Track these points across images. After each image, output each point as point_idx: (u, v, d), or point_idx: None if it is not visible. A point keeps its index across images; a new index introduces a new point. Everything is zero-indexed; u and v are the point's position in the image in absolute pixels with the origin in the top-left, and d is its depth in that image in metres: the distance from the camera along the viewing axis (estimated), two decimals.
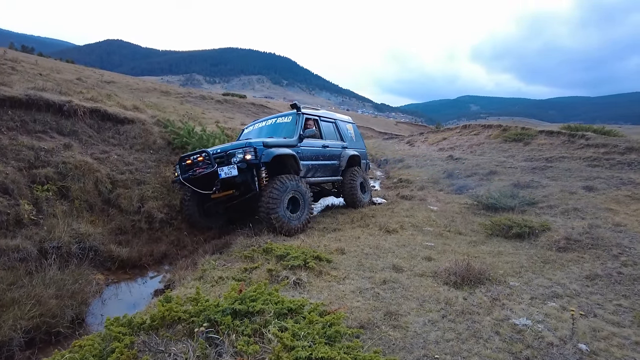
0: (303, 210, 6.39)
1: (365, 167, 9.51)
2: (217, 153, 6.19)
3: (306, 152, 7.09)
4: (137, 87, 27.27)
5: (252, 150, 5.88)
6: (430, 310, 3.44)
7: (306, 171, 7.02)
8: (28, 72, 13.68)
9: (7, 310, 3.62)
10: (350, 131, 9.16)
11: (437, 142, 19.39)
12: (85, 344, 2.57)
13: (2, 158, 5.81)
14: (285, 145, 6.64)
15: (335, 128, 8.56)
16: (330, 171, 7.95)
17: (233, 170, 5.84)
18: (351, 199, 8.29)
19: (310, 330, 2.58)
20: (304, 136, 7.04)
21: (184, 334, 2.72)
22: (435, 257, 5.00)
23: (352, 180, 8.24)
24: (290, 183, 6.11)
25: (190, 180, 6.29)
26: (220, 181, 6.07)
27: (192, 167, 6.32)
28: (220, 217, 7.32)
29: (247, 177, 6.09)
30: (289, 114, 7.56)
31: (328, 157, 7.82)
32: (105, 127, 8.16)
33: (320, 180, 7.68)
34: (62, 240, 5.10)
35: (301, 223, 6.28)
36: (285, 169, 6.59)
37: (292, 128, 7.14)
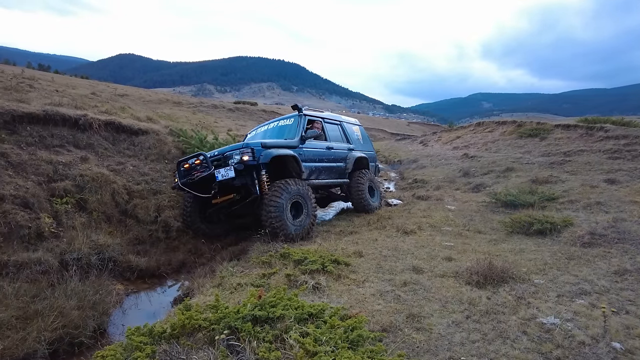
0: (307, 215, 6.21)
1: (374, 170, 9.28)
2: (215, 156, 6.07)
3: (309, 153, 6.89)
4: (150, 99, 27.66)
5: (249, 151, 5.71)
6: (454, 311, 3.36)
7: (309, 173, 6.82)
8: (45, 89, 14.02)
9: (31, 323, 3.66)
10: (357, 133, 8.97)
11: (451, 141, 19.17)
12: (107, 354, 2.56)
13: (22, 173, 5.92)
14: (286, 146, 6.46)
15: (341, 130, 8.39)
16: (336, 174, 7.75)
17: (230, 172, 5.66)
18: (359, 203, 8.04)
19: (332, 335, 2.53)
20: (306, 137, 6.85)
21: (204, 342, 2.70)
22: (456, 257, 4.90)
23: (359, 183, 8.00)
24: (292, 187, 5.94)
25: (189, 184, 6.11)
26: (217, 184, 5.87)
27: (191, 172, 6.17)
28: (223, 224, 7.14)
29: (247, 180, 5.95)
30: (291, 116, 7.41)
31: (333, 159, 7.63)
32: (120, 138, 8.26)
33: (325, 183, 7.49)
34: (82, 251, 5.15)
35: (305, 229, 6.10)
36: (286, 172, 6.44)
37: (294, 130, 6.97)
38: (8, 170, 5.81)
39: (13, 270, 4.53)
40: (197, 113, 24.08)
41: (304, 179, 6.57)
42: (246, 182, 5.98)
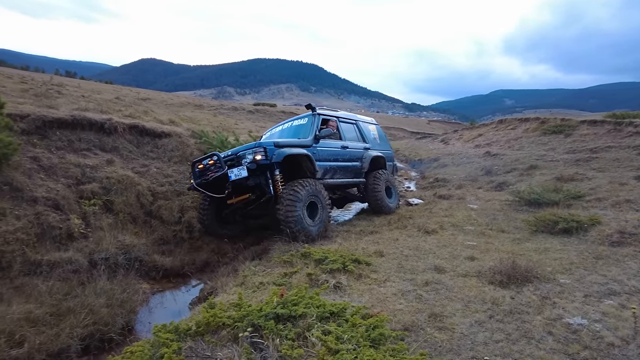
0: (322, 215, 6.17)
1: (392, 169, 9.14)
2: (228, 156, 6.08)
3: (323, 152, 6.83)
4: (172, 102, 28.23)
5: (262, 150, 5.69)
6: (477, 311, 3.33)
7: (324, 173, 6.76)
8: (72, 95, 14.46)
9: (64, 319, 3.81)
10: (373, 132, 8.87)
11: (473, 139, 18.89)
12: (136, 350, 2.65)
13: (53, 176, 6.15)
14: (299, 145, 6.42)
15: (357, 129, 8.30)
16: (352, 173, 7.65)
17: (243, 171, 5.66)
18: (375, 203, 7.91)
19: (354, 333, 2.55)
20: (320, 136, 6.79)
21: (228, 339, 2.75)
22: (478, 256, 4.85)
23: (375, 183, 7.87)
24: (308, 188, 5.89)
25: (203, 185, 6.13)
26: (231, 184, 5.88)
27: (205, 172, 6.19)
28: (238, 225, 7.13)
29: (261, 180, 5.96)
30: (305, 116, 7.38)
31: (348, 159, 7.54)
32: (143, 141, 8.48)
33: (340, 183, 7.41)
34: (109, 251, 5.33)
35: (320, 229, 6.06)
36: (301, 171, 6.41)
37: (308, 129, 6.93)
38: (40, 173, 6.04)
39: (46, 269, 4.72)
40: (218, 115, 24.41)
41: (318, 179, 6.52)
42: (260, 182, 6.00)
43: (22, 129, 6.57)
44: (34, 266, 4.75)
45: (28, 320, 3.72)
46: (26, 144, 6.39)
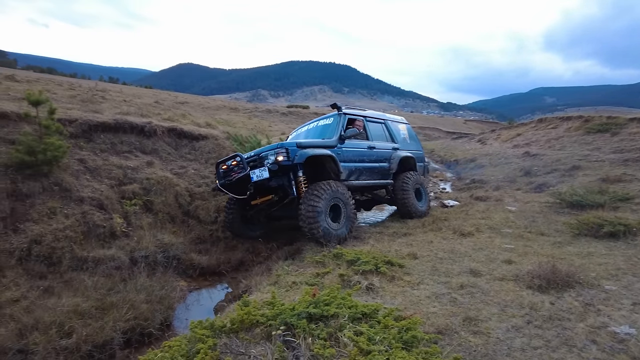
0: (345, 218, 6.00)
1: (423, 171, 8.80)
2: (251, 157, 6.04)
3: (348, 153, 6.64)
4: (208, 105, 29.02)
5: (284, 151, 5.58)
6: (514, 316, 3.22)
7: (348, 174, 6.57)
8: (115, 100, 15.17)
9: (108, 313, 4.01)
10: (403, 132, 8.56)
11: (511, 139, 18.28)
12: (174, 344, 2.75)
13: (97, 177, 6.49)
14: (323, 146, 6.25)
15: (385, 129, 8.02)
16: (379, 174, 7.38)
17: (264, 172, 5.60)
18: (403, 206, 7.57)
19: (386, 335, 2.53)
20: (346, 137, 6.61)
21: (262, 337, 2.81)
22: (516, 260, 4.68)
23: (404, 184, 7.53)
24: (331, 189, 5.74)
25: (227, 186, 6.13)
26: (253, 185, 5.82)
27: (229, 173, 6.19)
28: (261, 226, 7.08)
29: (284, 181, 5.89)
30: (330, 116, 7.21)
31: (375, 160, 7.29)
32: (181, 144, 8.78)
33: (366, 184, 7.15)
34: (149, 249, 5.57)
35: (344, 232, 5.90)
36: (324, 172, 6.28)
37: (334, 129, 6.76)
38: (86, 174, 6.38)
39: (92, 265, 4.99)
40: (253, 118, 24.89)
41: (343, 180, 6.36)
42: (283, 183, 5.93)
43: (70, 133, 6.95)
44: (80, 262, 5.03)
45: (76, 313, 3.94)
46: (74, 147, 6.77)
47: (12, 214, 5.11)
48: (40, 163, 5.58)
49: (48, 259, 4.88)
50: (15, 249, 4.74)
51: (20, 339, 3.55)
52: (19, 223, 5.07)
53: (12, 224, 5.00)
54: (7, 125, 6.41)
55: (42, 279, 4.63)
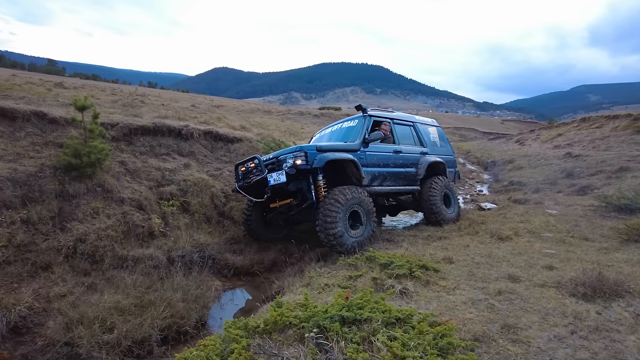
0: (365, 226, 5.77)
1: (454, 176, 8.43)
2: (270, 159, 5.92)
3: (372, 157, 6.38)
4: (243, 108, 29.58)
5: (302, 155, 5.43)
6: (556, 325, 3.06)
7: (371, 179, 6.30)
8: (153, 104, 15.73)
9: (146, 310, 4.13)
10: (433, 135, 8.22)
11: (552, 139, 17.54)
12: (209, 343, 2.80)
13: (137, 178, 6.74)
14: (345, 149, 6.03)
15: (414, 131, 7.74)
16: (405, 180, 7.03)
17: (281, 176, 5.49)
18: (430, 213, 7.21)
19: (421, 341, 2.47)
20: (370, 140, 6.38)
21: (294, 339, 2.81)
22: (558, 265, 4.47)
23: (431, 190, 7.17)
24: (351, 195, 5.53)
25: (245, 188, 6.06)
26: (270, 188, 5.71)
27: (248, 175, 6.11)
28: (281, 229, 6.98)
29: (303, 185, 5.74)
30: (355, 117, 6.99)
31: (401, 164, 6.96)
32: (217, 146, 8.98)
33: (390, 190, 6.81)
34: (185, 249, 5.72)
35: (364, 240, 5.68)
36: (346, 177, 6.08)
37: (358, 132, 6.54)
38: (126, 176, 6.64)
39: (131, 264, 5.18)
40: (285, 120, 25.14)
41: (365, 185, 6.12)
42: (302, 187, 5.78)
43: (112, 136, 7.27)
44: (121, 260, 5.22)
45: (117, 309, 4.09)
46: (115, 149, 7.06)
47: (60, 213, 5.38)
48: (85, 165, 5.85)
49: (91, 256, 5.11)
50: (63, 247, 4.99)
51: (67, 332, 3.73)
52: (66, 222, 5.33)
53: (59, 223, 5.27)
54: (56, 129, 6.78)
55: (86, 276, 4.85)
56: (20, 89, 11.06)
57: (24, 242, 4.81)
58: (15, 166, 5.55)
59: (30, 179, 5.49)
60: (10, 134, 6.23)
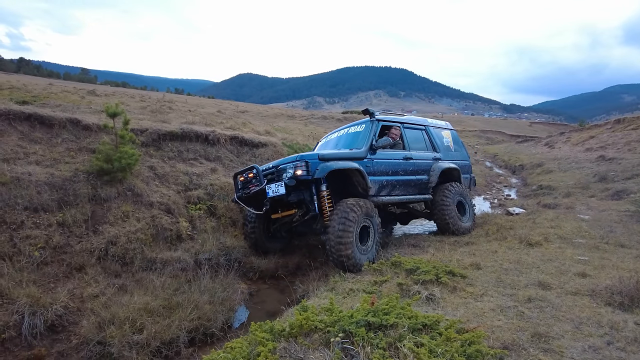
0: (373, 240, 5.44)
1: (469, 182, 7.98)
2: (269, 169, 5.64)
3: (379, 165, 6.02)
4: (267, 113, 29.93)
5: (303, 164, 5.07)
6: (590, 335, 2.95)
7: (379, 188, 5.93)
8: (180, 110, 16.11)
9: (174, 312, 4.22)
10: (447, 139, 7.78)
11: (583, 142, 16.98)
12: (235, 345, 2.83)
13: (165, 183, 6.91)
14: (349, 157, 5.66)
15: (426, 135, 7.32)
16: (416, 188, 6.64)
17: (280, 188, 5.17)
18: (443, 223, 6.77)
19: (448, 348, 2.43)
20: (377, 147, 6.03)
21: (320, 343, 2.81)
22: (592, 273, 4.31)
23: (444, 199, 6.74)
24: (362, 210, 5.20)
25: (244, 199, 5.81)
26: (269, 200, 5.44)
27: (247, 185, 5.86)
28: (283, 239, 6.73)
29: (305, 195, 5.43)
30: (362, 122, 6.60)
31: (411, 172, 6.56)
32: (243, 151, 9.12)
33: (399, 200, 6.41)
34: (212, 252, 5.83)
35: (373, 255, 5.39)
36: (351, 186, 5.73)
37: (364, 138, 6.15)
38: (155, 180, 6.82)
39: (160, 266, 5.30)
40: (309, 125, 25.28)
41: (372, 196, 5.78)
42: (304, 198, 5.48)
43: (141, 142, 7.48)
44: (150, 263, 5.36)
45: (146, 311, 4.20)
46: (144, 155, 7.28)
47: (93, 216, 5.57)
48: (116, 170, 6.05)
49: (122, 259, 5.26)
50: (95, 249, 5.16)
51: (100, 332, 3.86)
52: (98, 225, 5.52)
53: (92, 226, 5.46)
54: (89, 135, 7.04)
55: (117, 277, 5.00)
56: (57, 97, 11.54)
57: (59, 244, 5.00)
58: (52, 171, 5.79)
59: (66, 183, 5.72)
60: (48, 140, 6.52)
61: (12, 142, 6.05)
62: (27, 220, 5.00)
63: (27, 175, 5.45)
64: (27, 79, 26.83)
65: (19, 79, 22.61)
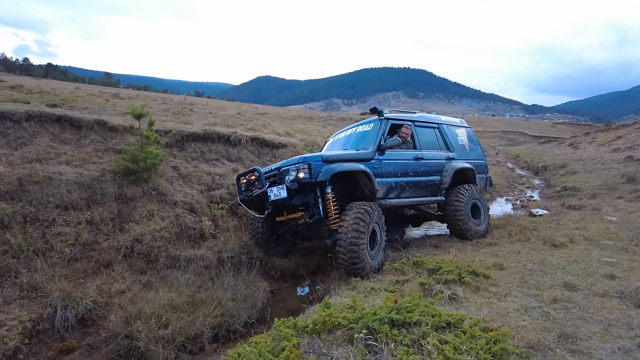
0: (380, 244, 5.31)
1: (485, 184, 7.65)
2: (271, 171, 5.53)
3: (388, 166, 5.80)
4: (285, 115, 30.15)
5: (305, 167, 4.92)
6: (620, 337, 2.89)
7: (387, 190, 5.72)
8: (201, 112, 16.41)
9: (198, 308, 4.32)
10: (461, 137, 7.44)
11: (609, 142, 16.51)
12: (260, 340, 2.89)
13: (189, 183, 7.06)
14: (355, 159, 5.47)
15: (439, 134, 7.03)
16: (427, 190, 6.41)
17: (282, 191, 5.06)
18: (456, 226, 6.50)
19: (473, 345, 2.42)
20: (386, 147, 5.83)
21: (343, 340, 2.83)
22: (620, 275, 4.20)
23: (457, 202, 6.46)
24: (372, 215, 5.08)
25: (248, 201, 5.72)
26: (271, 203, 5.35)
27: (250, 187, 5.76)
28: (289, 242, 6.60)
29: (309, 198, 5.32)
30: (370, 121, 6.38)
31: (423, 172, 6.31)
32: (263, 152, 9.24)
33: (409, 203, 6.19)
34: (234, 251, 5.93)
35: (380, 258, 5.26)
36: (358, 188, 5.57)
37: (372, 138, 5.95)
38: (179, 180, 6.97)
39: (184, 264, 5.42)
40: (327, 126, 25.32)
41: (379, 198, 5.58)
42: (308, 201, 5.36)
43: (165, 143, 7.66)
44: (174, 260, 5.49)
45: (171, 307, 4.31)
46: (168, 155, 7.44)
47: (119, 215, 5.74)
48: (142, 170, 6.21)
49: (147, 256, 5.40)
50: (122, 246, 5.32)
51: (127, 326, 3.98)
52: (124, 223, 5.68)
53: (119, 224, 5.62)
54: (115, 136, 7.25)
55: (143, 274, 5.13)
56: (83, 100, 11.92)
57: (88, 241, 5.17)
58: (81, 171, 5.99)
59: (94, 183, 5.90)
60: (77, 141, 6.74)
61: (44, 143, 6.29)
62: (58, 218, 5.18)
63: (58, 174, 5.66)
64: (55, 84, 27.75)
65: (47, 84, 23.42)
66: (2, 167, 5.32)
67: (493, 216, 8.29)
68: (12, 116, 6.31)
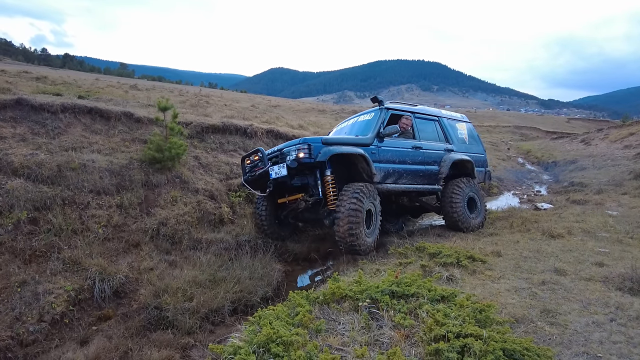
0: (375, 225, 5.61)
1: (484, 177, 7.90)
2: (274, 152, 5.81)
3: (386, 153, 6.08)
4: (298, 108, 30.49)
5: (306, 147, 5.21)
6: (596, 313, 3.25)
7: (384, 176, 6.00)
8: (217, 104, 16.86)
9: (219, 285, 4.78)
10: (461, 131, 7.71)
11: (622, 139, 16.53)
12: (277, 308, 3.32)
13: (209, 172, 7.53)
14: (355, 143, 5.75)
15: (438, 127, 7.27)
16: (425, 178, 6.65)
17: (282, 169, 5.37)
18: (450, 217, 6.73)
19: (461, 313, 2.82)
20: (385, 134, 6.06)
21: (350, 309, 3.25)
22: (609, 263, 4.53)
23: (454, 193, 6.68)
24: (368, 195, 5.38)
25: (251, 182, 6.01)
26: (272, 182, 5.60)
27: (253, 168, 6.03)
28: (290, 225, 6.88)
29: (309, 179, 5.61)
30: (372, 110, 6.69)
31: (420, 161, 6.58)
32: (278, 143, 9.64)
33: (406, 188, 6.44)
34: (251, 235, 6.38)
35: (376, 238, 5.60)
36: (357, 173, 5.86)
37: (372, 126, 6.25)
38: (200, 169, 7.45)
39: (205, 246, 5.89)
40: (339, 119, 25.60)
41: (377, 182, 5.85)
42: (308, 182, 5.65)
43: (187, 134, 8.13)
44: (196, 242, 5.96)
45: (194, 283, 4.78)
46: (189, 145, 7.91)
47: (145, 200, 6.22)
48: (166, 159, 6.68)
49: (172, 238, 5.88)
50: (148, 229, 5.80)
51: (156, 299, 4.45)
52: (150, 208, 6.16)
53: (145, 209, 6.10)
54: (140, 127, 7.74)
55: (168, 254, 5.61)
56: (104, 92, 12.44)
57: (118, 223, 5.66)
58: (111, 159, 6.49)
59: (122, 170, 6.39)
60: (106, 132, 7.25)
61: (78, 133, 6.81)
62: (92, 202, 5.69)
63: (91, 162, 6.16)
64: (74, 74, 28.48)
65: (68, 75, 24.10)
66: (43, 154, 5.84)
67: (497, 209, 8.60)
68: (49, 108, 6.84)
